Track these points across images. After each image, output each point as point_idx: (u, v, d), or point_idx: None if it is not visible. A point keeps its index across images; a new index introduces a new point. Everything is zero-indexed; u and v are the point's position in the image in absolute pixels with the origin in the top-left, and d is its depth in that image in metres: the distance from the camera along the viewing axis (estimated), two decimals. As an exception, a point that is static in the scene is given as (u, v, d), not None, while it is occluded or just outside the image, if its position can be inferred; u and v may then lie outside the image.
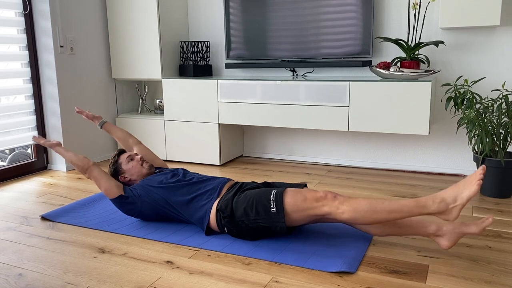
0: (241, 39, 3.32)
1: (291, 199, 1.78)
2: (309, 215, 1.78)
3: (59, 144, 2.16)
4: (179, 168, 2.23)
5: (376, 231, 1.85)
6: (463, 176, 2.93)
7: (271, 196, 1.82)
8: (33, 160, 3.23)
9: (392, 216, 1.67)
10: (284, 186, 2.05)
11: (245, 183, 2.05)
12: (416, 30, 2.83)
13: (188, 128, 3.35)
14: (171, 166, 3.35)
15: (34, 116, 3.20)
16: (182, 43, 3.45)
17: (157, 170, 2.28)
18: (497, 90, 2.52)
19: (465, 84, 2.62)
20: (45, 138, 2.23)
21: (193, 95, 3.27)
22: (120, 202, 2.08)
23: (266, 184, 2.06)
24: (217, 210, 1.93)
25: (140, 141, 2.46)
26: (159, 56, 3.36)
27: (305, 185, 2.05)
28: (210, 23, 3.57)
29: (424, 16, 2.82)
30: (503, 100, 2.45)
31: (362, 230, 1.90)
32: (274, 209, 1.79)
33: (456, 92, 2.58)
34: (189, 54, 3.42)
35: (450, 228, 1.74)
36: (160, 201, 2.06)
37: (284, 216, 1.78)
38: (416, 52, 2.84)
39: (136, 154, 2.27)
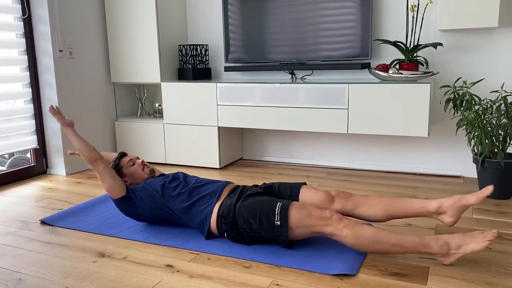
0: (240, 42, 3.33)
1: (296, 214, 1.76)
2: (312, 231, 1.76)
3: (71, 125, 2.08)
4: (179, 172, 2.22)
5: (378, 217, 1.86)
6: (463, 178, 2.93)
7: (276, 209, 1.80)
8: (32, 164, 3.23)
9: (394, 250, 1.66)
10: (284, 186, 2.04)
11: (247, 187, 2.04)
12: (415, 32, 2.83)
13: (187, 132, 3.35)
14: (170, 169, 3.35)
15: (34, 120, 3.20)
16: (181, 46, 3.45)
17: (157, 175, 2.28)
18: (496, 91, 2.53)
19: (464, 85, 2.63)
20: (61, 118, 2.09)
21: (192, 98, 3.27)
22: (122, 203, 2.07)
23: (267, 187, 2.05)
24: (219, 216, 1.92)
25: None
26: (158, 60, 3.37)
27: (304, 183, 2.05)
28: (208, 26, 3.58)
29: (423, 18, 2.82)
30: (502, 101, 2.45)
31: (362, 217, 1.90)
32: (278, 223, 1.78)
33: (455, 93, 2.58)
34: (188, 58, 3.42)
35: (451, 203, 1.76)
36: (161, 205, 2.05)
37: (288, 231, 1.78)
38: (415, 54, 2.85)
39: (138, 158, 2.26)
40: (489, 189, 1.68)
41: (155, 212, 2.07)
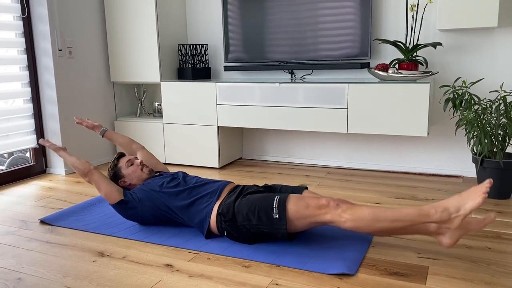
0: (239, 42, 3.33)
1: (293, 206, 1.77)
2: (311, 222, 1.77)
3: (64, 149, 2.18)
4: (179, 172, 2.22)
5: (377, 232, 1.85)
6: (462, 178, 2.93)
7: (274, 203, 1.80)
8: (31, 164, 3.23)
9: (394, 225, 1.66)
10: (285, 188, 2.04)
11: (246, 187, 2.04)
12: (414, 32, 2.84)
13: (187, 131, 3.35)
14: (170, 169, 3.35)
15: (33, 120, 3.20)
16: (181, 46, 3.45)
17: (157, 174, 2.27)
18: (495, 91, 2.53)
19: (463, 85, 2.63)
20: (52, 142, 2.24)
21: (191, 98, 3.27)
22: (121, 207, 2.07)
23: (267, 188, 2.05)
24: (218, 213, 1.92)
25: (143, 146, 2.45)
26: (158, 59, 3.36)
27: (306, 188, 2.05)
28: (208, 26, 3.58)
29: (422, 18, 2.83)
30: (501, 101, 2.45)
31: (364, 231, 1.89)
32: (277, 216, 1.79)
33: (455, 93, 2.58)
34: (187, 57, 3.42)
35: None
36: (160, 205, 2.05)
37: (287, 223, 1.78)
38: (414, 54, 2.85)
39: (136, 158, 2.25)
40: (491, 217, 1.66)
41: (155, 212, 2.07)
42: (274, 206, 1.79)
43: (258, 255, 1.82)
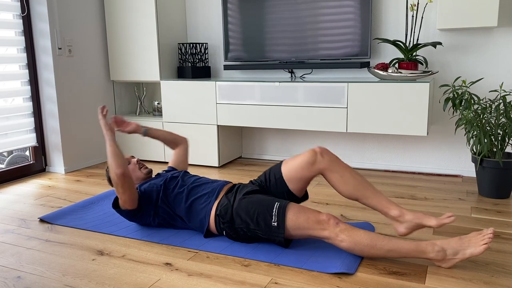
0: (239, 41, 3.33)
1: (293, 216, 1.77)
2: (308, 234, 1.77)
3: (113, 132, 2.00)
4: (179, 171, 2.21)
5: (343, 192, 1.90)
6: (461, 177, 2.93)
7: (274, 210, 1.80)
8: (31, 162, 3.23)
9: (389, 255, 1.67)
10: (267, 175, 2.02)
11: (242, 185, 2.04)
12: (414, 31, 2.83)
13: (186, 130, 3.35)
14: (169, 168, 3.35)
15: (32, 118, 3.20)
16: (180, 44, 3.45)
17: (156, 174, 2.27)
18: (495, 91, 2.53)
19: (463, 85, 2.63)
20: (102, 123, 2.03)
21: (191, 96, 3.27)
22: (131, 213, 2.05)
23: (261, 184, 2.04)
24: (217, 214, 1.92)
25: (186, 140, 2.40)
26: (158, 58, 3.36)
27: (282, 161, 2.02)
28: (208, 24, 3.57)
29: (422, 17, 2.83)
30: (501, 101, 2.45)
31: (330, 183, 1.92)
32: (275, 224, 1.78)
33: (454, 93, 2.58)
34: (187, 56, 3.42)
35: (410, 217, 1.79)
36: (163, 205, 2.04)
37: (284, 232, 1.78)
38: (414, 53, 2.85)
39: (133, 157, 2.24)
40: (451, 218, 1.71)
41: (156, 216, 2.06)
42: (273, 214, 1.79)
43: (258, 254, 1.82)
